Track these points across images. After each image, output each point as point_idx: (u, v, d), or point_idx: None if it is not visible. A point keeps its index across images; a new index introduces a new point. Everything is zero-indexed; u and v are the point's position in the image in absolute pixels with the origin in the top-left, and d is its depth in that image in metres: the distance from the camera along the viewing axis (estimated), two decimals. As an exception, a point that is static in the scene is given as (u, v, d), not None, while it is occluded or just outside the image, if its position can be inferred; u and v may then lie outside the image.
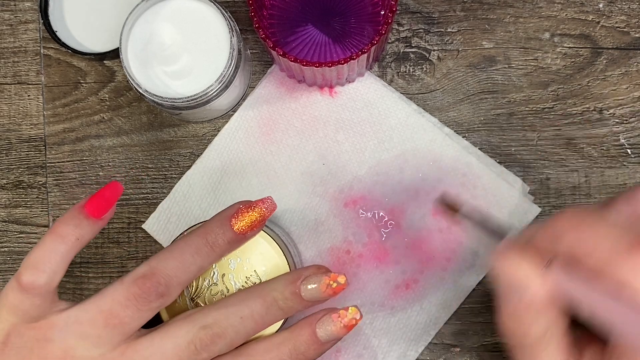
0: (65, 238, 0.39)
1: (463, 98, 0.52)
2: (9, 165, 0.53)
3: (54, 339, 0.38)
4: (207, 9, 0.47)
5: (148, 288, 0.39)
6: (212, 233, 0.42)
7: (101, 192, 0.40)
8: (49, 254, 0.39)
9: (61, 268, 0.39)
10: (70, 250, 0.39)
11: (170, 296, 0.40)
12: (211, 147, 0.52)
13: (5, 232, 0.53)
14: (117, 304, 0.39)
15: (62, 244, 0.39)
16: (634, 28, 0.52)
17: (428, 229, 0.51)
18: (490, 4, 0.52)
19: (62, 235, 0.39)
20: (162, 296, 0.39)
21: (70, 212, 0.40)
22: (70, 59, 0.53)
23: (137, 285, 0.39)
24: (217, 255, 0.42)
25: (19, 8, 0.53)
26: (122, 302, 0.39)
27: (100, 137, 0.53)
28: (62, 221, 0.40)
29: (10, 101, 0.53)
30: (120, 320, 0.39)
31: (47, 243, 0.39)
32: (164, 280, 0.39)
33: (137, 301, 0.39)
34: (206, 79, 0.46)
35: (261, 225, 0.43)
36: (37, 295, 0.38)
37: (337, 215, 0.51)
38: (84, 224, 0.40)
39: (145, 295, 0.39)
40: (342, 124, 0.52)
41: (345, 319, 0.42)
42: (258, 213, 0.42)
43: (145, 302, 0.39)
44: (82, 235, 0.39)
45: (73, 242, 0.39)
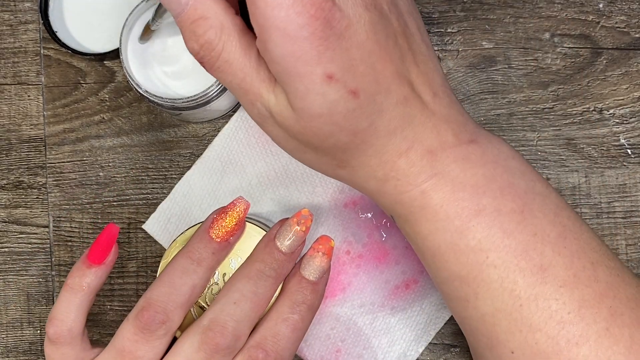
0: (75, 289, 0.42)
1: (463, 98, 0.52)
2: (9, 166, 0.53)
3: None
4: (207, 9, 0.47)
5: (147, 319, 0.40)
6: (194, 250, 0.42)
7: (98, 238, 0.43)
8: (65, 306, 0.42)
9: (79, 316, 0.42)
10: (82, 299, 0.42)
11: (172, 321, 0.41)
12: (211, 147, 0.52)
13: (5, 232, 0.53)
14: (127, 341, 0.40)
15: (73, 295, 0.42)
16: (634, 28, 0.52)
17: (428, 229, 0.51)
18: (490, 4, 0.52)
19: (72, 287, 0.42)
20: (164, 323, 0.40)
21: (76, 265, 0.43)
22: (70, 59, 0.53)
23: (139, 319, 0.40)
24: (206, 270, 0.42)
25: (19, 8, 0.53)
26: (131, 337, 0.40)
27: (101, 138, 0.53)
28: (70, 274, 0.42)
29: (10, 101, 0.53)
30: (135, 355, 0.40)
31: (62, 297, 0.42)
32: (160, 308, 0.40)
33: (144, 334, 0.40)
34: (206, 80, 0.46)
35: (240, 226, 0.43)
36: (65, 344, 0.41)
37: (337, 215, 0.52)
38: (87, 273, 0.42)
39: (148, 327, 0.40)
40: (342, 124, 0.52)
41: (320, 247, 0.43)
42: (233, 217, 0.43)
43: (149, 333, 0.40)
44: (88, 283, 0.42)
45: (83, 291, 0.42)
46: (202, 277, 0.42)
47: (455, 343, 0.51)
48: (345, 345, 0.51)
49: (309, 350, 0.50)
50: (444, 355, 0.51)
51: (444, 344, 0.51)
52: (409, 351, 0.51)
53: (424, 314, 0.51)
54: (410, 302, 0.51)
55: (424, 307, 0.51)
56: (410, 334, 0.51)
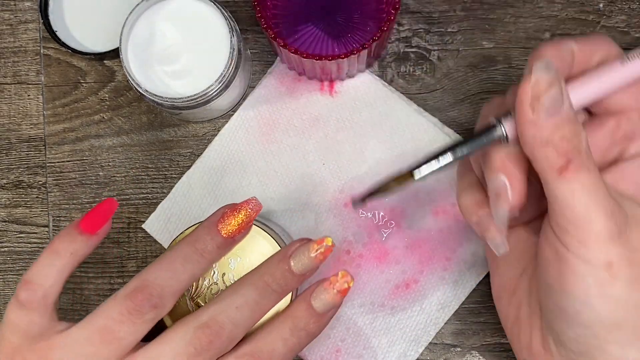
0: (60, 253, 0.40)
1: (463, 98, 0.52)
2: (9, 165, 0.53)
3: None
4: (207, 9, 0.47)
5: (140, 301, 0.39)
6: (200, 240, 0.42)
7: (95, 208, 0.41)
8: (45, 269, 0.39)
9: (57, 282, 0.40)
10: (66, 265, 0.40)
11: (164, 307, 0.40)
12: (211, 147, 0.52)
13: (5, 232, 0.53)
14: (111, 320, 0.39)
15: (57, 259, 0.40)
16: (634, 28, 0.52)
17: (428, 229, 0.51)
18: (490, 4, 0.52)
19: (56, 250, 0.40)
20: (156, 307, 0.39)
21: (66, 229, 0.41)
22: (70, 58, 0.53)
23: (130, 299, 0.39)
24: (207, 262, 0.42)
25: (19, 8, 0.53)
26: (116, 317, 0.39)
27: (100, 137, 0.53)
28: (57, 237, 0.40)
29: (10, 101, 0.53)
30: (115, 336, 0.39)
31: (43, 259, 0.40)
32: (156, 292, 0.39)
33: (131, 315, 0.39)
34: (206, 79, 0.46)
35: (248, 226, 0.43)
36: (34, 311, 0.39)
37: (337, 215, 0.51)
38: (77, 239, 0.40)
39: (139, 309, 0.39)
40: (342, 124, 0.52)
41: (337, 284, 0.42)
42: (244, 215, 0.42)
43: (139, 315, 0.39)
44: (76, 250, 0.40)
45: (68, 257, 0.40)
46: (202, 269, 0.42)
47: (456, 343, 0.51)
48: (345, 345, 0.51)
49: (308, 350, 0.50)
50: (444, 355, 0.51)
51: (444, 344, 0.51)
52: (409, 351, 0.51)
53: (424, 314, 0.51)
54: (410, 302, 0.51)
55: (424, 307, 0.51)
56: (410, 333, 0.51)
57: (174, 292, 0.40)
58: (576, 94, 0.38)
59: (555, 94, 0.35)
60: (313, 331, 0.42)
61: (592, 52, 0.40)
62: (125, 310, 0.39)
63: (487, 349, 0.51)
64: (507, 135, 0.38)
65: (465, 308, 0.51)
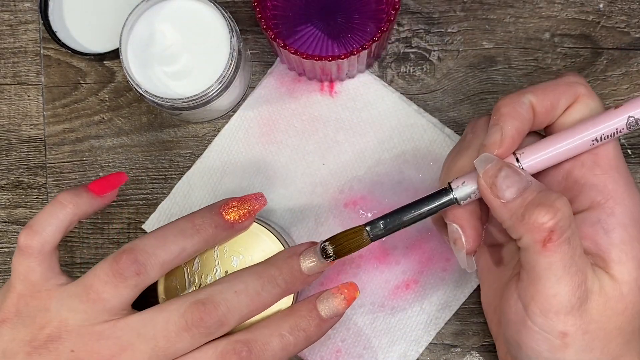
0: (63, 204, 0.41)
1: (463, 98, 0.52)
2: (9, 166, 0.53)
3: (51, 309, 0.40)
4: (207, 9, 0.47)
5: (124, 264, 0.40)
6: (198, 216, 0.42)
7: (105, 176, 0.43)
8: (46, 218, 0.41)
9: (57, 232, 0.41)
10: (66, 216, 0.41)
11: (148, 275, 0.40)
12: (211, 148, 0.52)
13: (5, 232, 0.53)
14: (97, 280, 0.40)
15: (59, 208, 0.41)
16: (634, 28, 0.52)
17: (428, 229, 0.51)
18: (490, 4, 0.52)
19: (60, 201, 0.41)
20: (139, 274, 0.40)
21: (73, 187, 0.43)
22: (70, 59, 0.53)
23: (115, 261, 0.40)
24: (201, 239, 0.42)
25: (18, 8, 0.53)
26: (102, 277, 0.40)
27: (100, 138, 0.53)
28: (63, 191, 0.42)
29: (10, 101, 0.53)
30: (99, 296, 0.40)
31: (46, 208, 0.41)
32: (142, 258, 0.40)
33: (115, 277, 0.40)
34: (206, 80, 0.46)
35: (250, 217, 0.43)
36: (32, 257, 0.41)
37: (337, 215, 0.51)
38: (83, 195, 0.42)
39: (122, 271, 0.40)
40: (342, 124, 0.52)
41: (345, 292, 0.42)
42: (248, 205, 0.43)
43: (121, 278, 0.40)
44: (79, 204, 0.41)
45: (71, 208, 0.41)
46: (194, 245, 0.42)
47: (456, 343, 0.51)
48: (345, 345, 0.51)
49: (309, 350, 0.50)
50: (444, 355, 0.51)
51: (444, 344, 0.51)
52: (409, 351, 0.51)
53: (424, 314, 0.51)
54: (411, 302, 0.51)
55: (424, 307, 0.51)
56: (410, 334, 0.51)
57: (160, 262, 0.41)
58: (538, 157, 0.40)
59: (506, 173, 0.38)
60: (312, 334, 0.42)
61: (555, 99, 0.40)
62: (110, 271, 0.40)
63: (487, 349, 0.51)
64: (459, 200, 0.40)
65: (465, 308, 0.51)
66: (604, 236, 0.39)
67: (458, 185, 0.40)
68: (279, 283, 0.41)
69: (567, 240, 0.37)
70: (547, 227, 0.36)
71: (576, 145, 0.39)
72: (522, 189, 0.37)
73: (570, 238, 0.37)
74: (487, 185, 0.38)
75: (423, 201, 0.41)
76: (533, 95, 0.40)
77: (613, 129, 0.39)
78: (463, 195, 0.40)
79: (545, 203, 0.37)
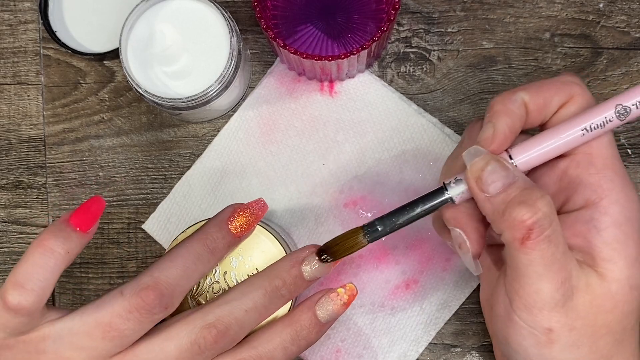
0: (55, 252, 0.37)
1: (463, 98, 0.52)
2: (8, 166, 0.53)
3: (47, 351, 0.37)
4: (207, 9, 0.47)
5: (152, 300, 0.38)
6: (211, 238, 0.42)
7: (85, 205, 0.39)
8: (37, 270, 0.37)
9: (50, 285, 0.37)
10: (60, 265, 0.37)
11: (174, 307, 0.40)
12: (211, 147, 0.52)
13: (5, 232, 0.53)
14: (117, 317, 0.38)
15: (51, 258, 0.37)
16: (634, 28, 0.52)
17: (428, 229, 0.51)
18: (490, 4, 0.52)
19: (51, 248, 0.37)
20: (166, 308, 0.39)
21: (56, 225, 0.38)
22: (70, 59, 0.53)
23: (141, 298, 0.38)
24: (217, 260, 0.42)
25: (18, 8, 0.53)
26: (123, 314, 0.38)
27: (100, 137, 0.53)
28: (49, 233, 0.37)
29: (10, 101, 0.53)
30: (120, 333, 0.38)
31: (35, 257, 0.37)
32: (167, 292, 0.38)
33: (140, 314, 0.38)
34: (206, 79, 0.46)
35: (254, 225, 0.43)
36: (25, 315, 0.37)
37: (337, 215, 0.51)
38: (72, 237, 0.38)
39: (149, 308, 0.38)
40: (342, 124, 0.52)
41: (344, 296, 0.43)
42: (251, 214, 0.43)
43: (148, 314, 0.38)
44: (71, 248, 0.37)
45: (63, 255, 0.37)
46: (211, 268, 0.42)
47: (456, 343, 0.51)
48: (345, 345, 0.51)
49: (308, 350, 0.50)
50: (444, 355, 0.51)
51: (444, 344, 0.51)
52: (409, 351, 0.51)
53: (424, 314, 0.51)
54: (411, 302, 0.51)
55: (424, 307, 0.51)
56: (410, 334, 0.51)
57: (184, 291, 0.40)
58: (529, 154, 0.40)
59: (493, 168, 0.38)
60: (312, 340, 0.42)
61: (548, 97, 0.40)
62: (134, 308, 0.38)
63: (487, 349, 0.51)
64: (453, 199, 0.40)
65: (465, 308, 0.51)
66: (596, 234, 0.39)
67: (451, 182, 0.40)
68: (284, 293, 0.42)
69: (546, 238, 0.36)
70: (525, 225, 0.36)
71: (568, 138, 0.39)
72: (507, 185, 0.37)
73: (551, 236, 0.37)
74: (472, 177, 0.38)
75: (419, 201, 0.41)
76: (526, 93, 0.40)
77: (602, 118, 0.39)
78: (457, 192, 0.40)
79: (526, 201, 0.36)
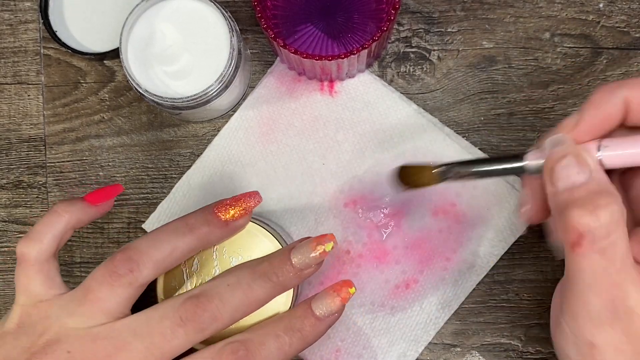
0: (58, 213, 0.42)
1: (463, 98, 0.52)
2: (9, 165, 0.53)
3: (51, 316, 0.41)
4: (207, 9, 0.47)
5: (117, 263, 0.40)
6: (192, 216, 0.43)
7: (103, 188, 0.44)
8: (42, 227, 0.42)
9: (52, 240, 0.42)
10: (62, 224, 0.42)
11: (141, 272, 0.41)
12: (211, 147, 0.52)
13: (5, 232, 0.53)
14: (94, 281, 0.41)
15: (55, 218, 0.42)
16: (634, 28, 0.52)
17: (428, 229, 0.51)
18: (490, 4, 0.52)
19: (56, 211, 0.42)
20: (132, 271, 0.41)
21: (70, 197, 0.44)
22: (70, 59, 0.53)
23: (110, 261, 0.41)
24: (194, 238, 0.42)
25: (19, 8, 0.53)
26: (98, 278, 0.41)
27: (100, 137, 0.53)
28: (59, 201, 0.43)
29: (10, 101, 0.53)
30: (96, 296, 0.40)
31: (44, 218, 0.42)
32: (135, 256, 0.41)
33: (111, 277, 0.40)
34: (206, 79, 0.46)
35: (245, 215, 0.43)
36: (30, 266, 0.42)
37: (337, 215, 0.51)
38: (77, 204, 0.43)
39: (115, 269, 0.40)
40: (342, 124, 0.52)
41: (341, 292, 0.42)
42: (242, 202, 0.43)
43: (116, 276, 0.40)
44: (73, 212, 0.42)
45: (65, 217, 0.42)
46: (187, 244, 0.42)
47: (455, 343, 0.51)
48: (345, 345, 0.51)
49: (308, 349, 0.50)
50: (444, 355, 0.51)
51: (444, 343, 0.51)
52: (409, 351, 0.51)
53: (424, 314, 0.51)
54: (410, 302, 0.51)
55: (424, 306, 0.51)
56: (410, 333, 0.51)
57: (152, 260, 0.41)
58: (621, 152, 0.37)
59: (568, 162, 0.36)
60: (307, 334, 0.42)
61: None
62: (105, 271, 0.41)
63: (487, 349, 0.51)
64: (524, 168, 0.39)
65: (465, 308, 0.51)
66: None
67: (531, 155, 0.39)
68: (271, 278, 0.41)
69: (600, 250, 0.35)
70: (578, 231, 0.35)
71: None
72: (577, 183, 0.36)
73: (607, 249, 0.34)
74: (547, 168, 0.37)
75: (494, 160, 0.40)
76: (629, 89, 0.38)
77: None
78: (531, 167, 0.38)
79: (587, 206, 0.35)
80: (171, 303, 0.41)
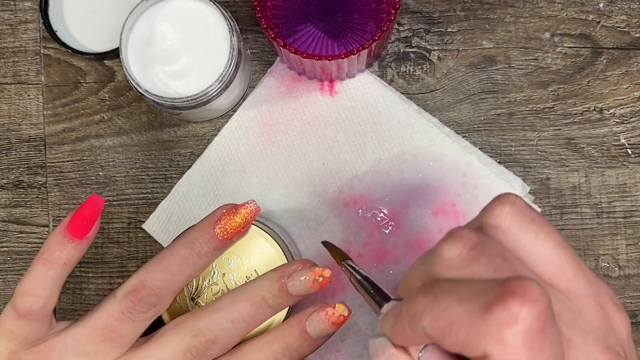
0: (54, 264, 0.40)
1: (463, 98, 0.52)
2: (9, 165, 0.53)
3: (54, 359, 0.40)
4: (207, 8, 0.47)
5: (140, 300, 0.40)
6: (197, 242, 0.42)
7: (81, 209, 0.41)
8: (41, 280, 0.40)
9: (54, 292, 0.41)
10: (60, 274, 0.41)
11: (163, 305, 0.41)
12: (211, 147, 0.52)
13: (5, 232, 0.53)
14: (112, 319, 0.40)
15: (51, 269, 0.40)
16: (634, 28, 0.52)
17: (428, 229, 0.51)
18: (490, 4, 0.52)
19: (50, 261, 0.40)
20: (155, 306, 0.41)
21: (55, 236, 0.40)
22: (70, 58, 0.53)
23: (129, 299, 0.40)
24: (204, 263, 0.43)
25: (19, 8, 0.53)
26: (117, 316, 0.40)
27: (100, 137, 0.53)
28: (48, 248, 0.40)
29: (10, 101, 0.53)
30: (118, 334, 0.40)
31: (37, 269, 0.40)
32: (154, 292, 0.41)
33: (132, 314, 0.40)
34: (206, 79, 0.46)
35: (245, 229, 0.43)
36: (35, 321, 0.40)
37: (337, 215, 0.51)
38: (68, 248, 0.40)
39: (139, 307, 0.40)
40: (342, 124, 0.52)
41: (332, 316, 0.42)
42: (241, 218, 0.43)
43: (139, 313, 0.40)
44: (69, 259, 0.40)
45: (62, 266, 0.40)
46: (199, 269, 0.43)
47: (455, 343, 0.51)
48: (345, 345, 0.51)
49: (308, 350, 0.50)
50: (444, 355, 0.51)
51: (444, 343, 0.51)
52: (409, 351, 0.51)
53: (424, 314, 0.51)
54: (410, 302, 0.51)
55: (424, 307, 0.51)
56: (410, 333, 0.51)
57: (172, 292, 0.42)
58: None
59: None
60: (305, 352, 0.43)
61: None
62: (125, 309, 0.40)
63: (487, 348, 0.51)
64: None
65: (465, 308, 0.51)
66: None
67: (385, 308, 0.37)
68: (271, 304, 0.42)
69: None
70: None
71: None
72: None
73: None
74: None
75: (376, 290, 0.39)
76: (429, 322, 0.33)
77: None
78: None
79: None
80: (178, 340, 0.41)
